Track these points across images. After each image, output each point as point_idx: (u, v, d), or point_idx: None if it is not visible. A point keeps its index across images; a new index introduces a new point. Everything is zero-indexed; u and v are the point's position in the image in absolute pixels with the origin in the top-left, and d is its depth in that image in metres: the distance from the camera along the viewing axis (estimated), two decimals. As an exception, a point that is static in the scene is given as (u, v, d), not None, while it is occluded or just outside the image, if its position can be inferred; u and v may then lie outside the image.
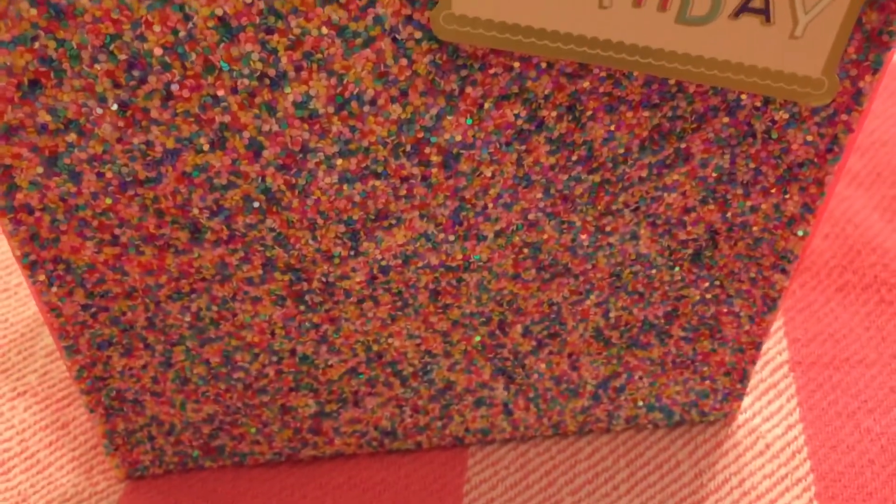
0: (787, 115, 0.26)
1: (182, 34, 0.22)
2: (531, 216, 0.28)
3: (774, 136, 0.26)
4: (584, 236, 0.29)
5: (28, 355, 0.38)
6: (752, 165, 0.27)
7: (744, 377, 0.34)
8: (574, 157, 0.26)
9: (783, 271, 0.30)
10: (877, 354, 0.39)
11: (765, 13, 0.22)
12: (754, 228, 0.29)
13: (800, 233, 0.29)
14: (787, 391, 0.37)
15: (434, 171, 0.26)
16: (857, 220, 0.44)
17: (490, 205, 0.27)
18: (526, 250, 0.29)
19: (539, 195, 0.27)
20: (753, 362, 0.34)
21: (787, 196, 0.28)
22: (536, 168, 0.26)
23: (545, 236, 0.28)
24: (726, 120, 0.26)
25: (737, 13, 0.22)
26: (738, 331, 0.33)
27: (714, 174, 0.27)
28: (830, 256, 0.43)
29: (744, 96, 0.25)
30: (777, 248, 0.29)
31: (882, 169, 0.47)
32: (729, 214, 0.29)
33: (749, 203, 0.28)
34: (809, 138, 0.26)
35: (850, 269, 0.42)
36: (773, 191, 0.28)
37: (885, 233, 0.44)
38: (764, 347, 0.39)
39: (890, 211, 0.45)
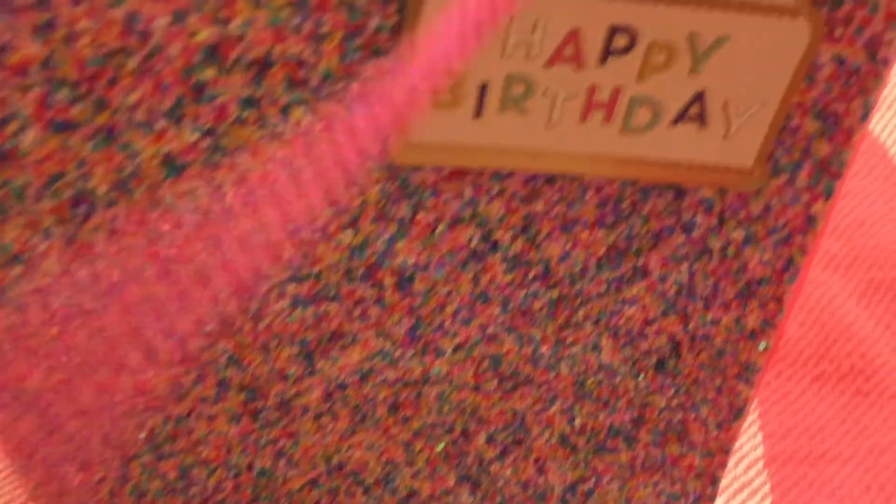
0: (742, 235, 0.26)
1: (127, 172, 0.22)
2: (490, 330, 0.28)
3: (731, 253, 0.26)
4: (544, 348, 0.29)
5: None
6: (710, 281, 0.27)
7: (714, 482, 0.34)
8: (531, 275, 0.26)
9: (748, 382, 0.30)
10: (852, 450, 0.38)
11: (700, 119, 0.23)
12: (717, 340, 0.29)
13: (761, 346, 0.29)
14: (761, 490, 0.37)
15: (388, 292, 0.26)
16: (832, 307, 0.44)
17: (447, 322, 0.27)
18: (486, 362, 0.29)
19: (497, 311, 0.27)
20: (723, 467, 0.34)
21: (746, 311, 0.28)
22: (493, 286, 0.26)
23: (505, 349, 0.28)
24: (682, 239, 0.26)
25: (675, 121, 0.23)
26: (706, 436, 0.32)
27: (673, 288, 0.27)
28: (806, 345, 0.43)
29: (698, 217, 0.25)
30: (740, 359, 0.29)
31: (859, 252, 0.47)
32: (690, 326, 0.28)
33: (710, 316, 0.28)
34: (766, 257, 0.26)
35: (827, 358, 0.42)
36: (732, 305, 0.28)
37: (861, 319, 0.44)
38: (738, 443, 0.39)
39: (867, 296, 0.45)
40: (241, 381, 0.27)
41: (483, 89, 0.22)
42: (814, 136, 0.23)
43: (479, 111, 0.22)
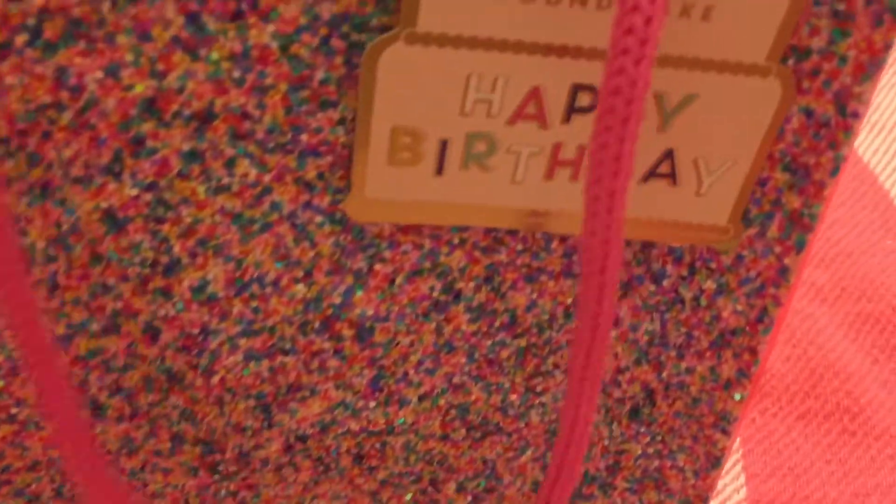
0: (714, 285, 0.25)
1: (65, 227, 0.21)
2: (456, 380, 0.27)
3: (703, 303, 0.25)
4: (514, 396, 0.28)
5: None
6: (683, 330, 0.26)
7: (693, 529, 0.33)
8: (497, 324, 0.25)
9: (724, 431, 0.29)
10: (837, 493, 0.37)
11: (671, 177, 0.22)
12: (691, 389, 0.28)
13: (737, 397, 0.28)
14: (743, 535, 0.36)
15: (347, 344, 0.25)
16: (819, 341, 0.43)
17: (411, 371, 0.26)
18: (453, 411, 0.28)
19: (463, 360, 0.26)
20: (702, 515, 0.33)
21: (721, 360, 0.27)
22: (458, 335, 0.25)
23: (473, 398, 0.27)
24: (652, 288, 0.25)
25: (645, 178, 0.22)
26: (683, 484, 0.31)
27: (645, 337, 0.26)
28: (791, 381, 0.42)
29: (668, 266, 0.25)
30: (716, 408, 0.28)
31: (847, 283, 0.46)
32: (664, 375, 0.27)
33: (684, 365, 0.27)
34: (739, 308, 0.25)
35: (813, 395, 0.41)
36: (707, 354, 0.27)
37: (848, 354, 0.43)
38: (720, 484, 0.38)
39: (854, 329, 0.44)
40: (196, 434, 0.26)
41: (444, 146, 0.21)
42: (783, 189, 0.22)
43: (440, 168, 0.21)
